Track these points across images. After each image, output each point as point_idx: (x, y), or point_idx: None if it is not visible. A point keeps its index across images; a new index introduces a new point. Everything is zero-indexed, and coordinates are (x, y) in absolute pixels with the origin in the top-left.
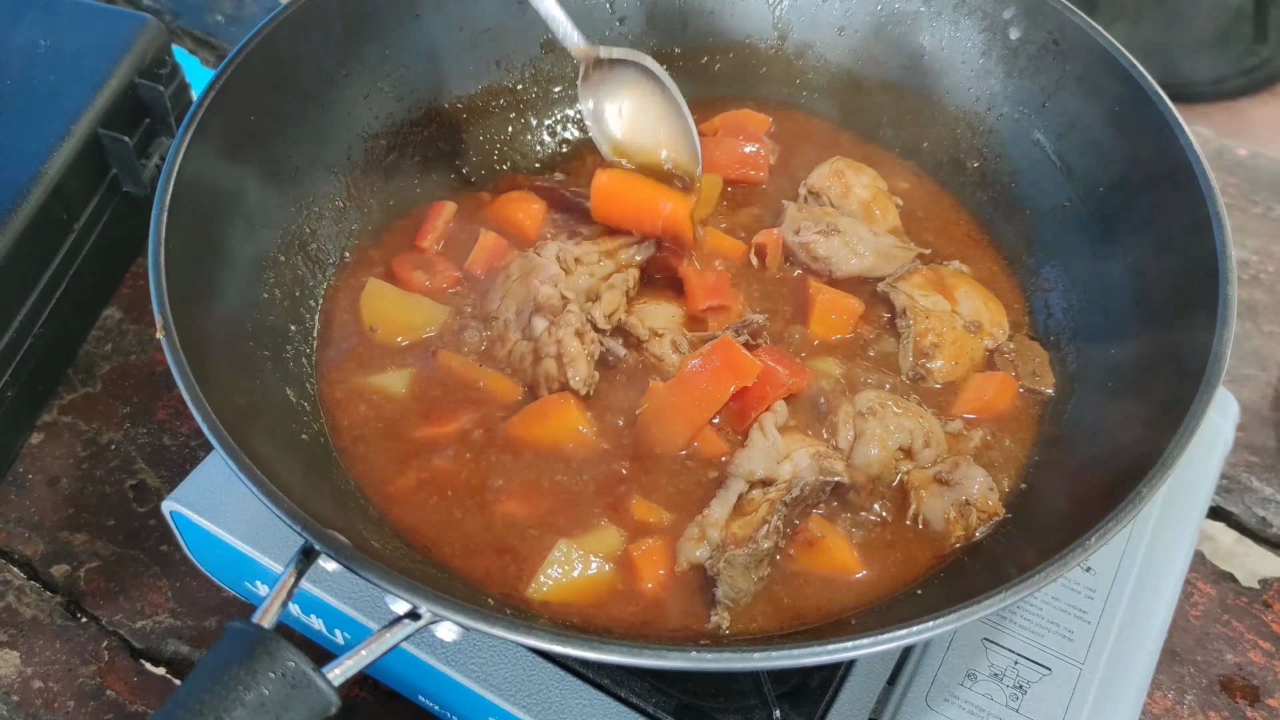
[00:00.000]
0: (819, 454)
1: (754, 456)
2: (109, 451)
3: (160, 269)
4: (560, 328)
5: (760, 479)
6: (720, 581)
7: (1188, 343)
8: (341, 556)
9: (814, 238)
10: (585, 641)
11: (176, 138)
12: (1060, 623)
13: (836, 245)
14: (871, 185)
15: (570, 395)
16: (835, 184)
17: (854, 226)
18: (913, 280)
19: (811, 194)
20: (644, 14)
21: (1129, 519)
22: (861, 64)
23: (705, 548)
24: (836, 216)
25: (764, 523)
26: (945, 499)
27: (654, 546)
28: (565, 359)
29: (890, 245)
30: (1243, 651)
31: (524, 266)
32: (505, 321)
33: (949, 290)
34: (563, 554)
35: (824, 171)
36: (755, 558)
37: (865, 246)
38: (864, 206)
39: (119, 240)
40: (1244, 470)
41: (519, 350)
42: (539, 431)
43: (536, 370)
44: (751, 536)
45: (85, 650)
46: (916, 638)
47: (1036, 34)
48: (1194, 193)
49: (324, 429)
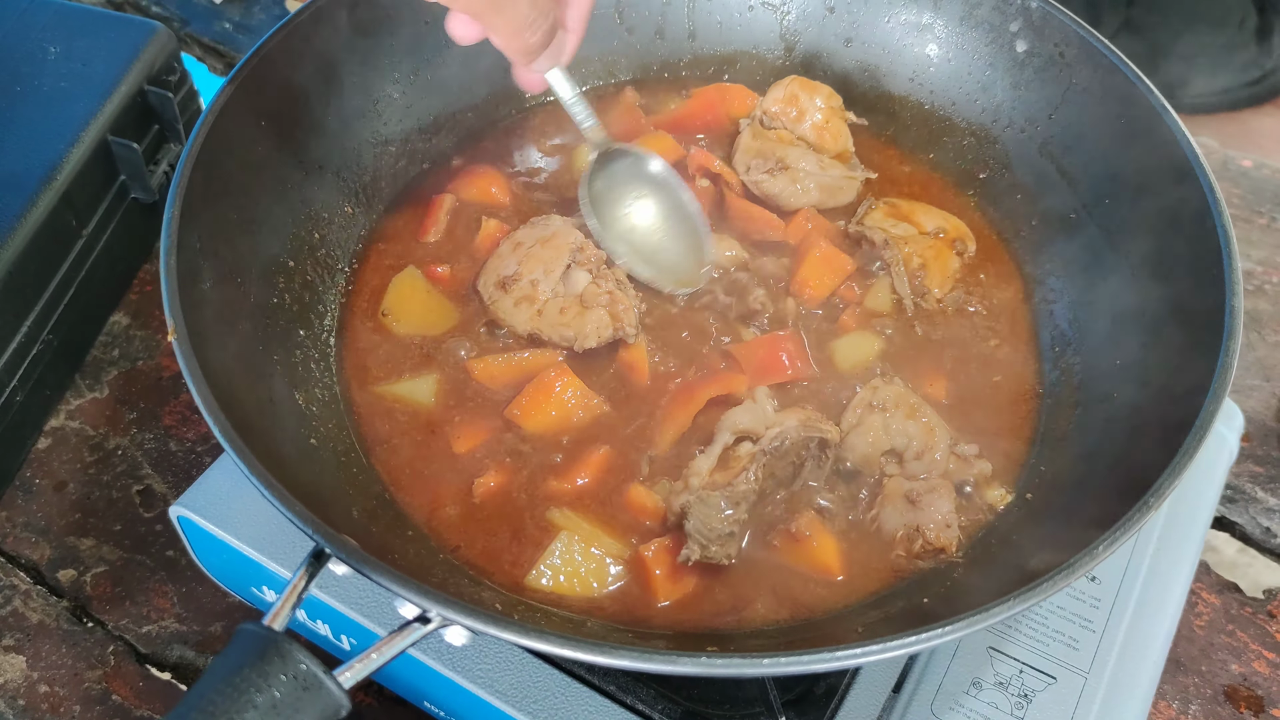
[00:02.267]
0: (809, 417)
1: (740, 414)
2: (116, 457)
3: (172, 274)
4: (606, 280)
5: (744, 430)
6: (691, 514)
7: (1193, 354)
8: (353, 560)
9: (762, 177)
10: (595, 646)
11: (187, 145)
12: (1065, 632)
13: (784, 183)
14: (826, 105)
15: (568, 370)
16: (790, 108)
17: (801, 159)
18: (874, 216)
19: (767, 115)
20: (652, 25)
21: (1136, 528)
22: (868, 75)
23: (686, 495)
24: (787, 148)
25: (743, 470)
26: (904, 517)
27: (663, 544)
28: (620, 305)
29: (838, 177)
30: (1247, 662)
31: (535, 234)
32: (532, 282)
33: (909, 215)
34: (564, 546)
35: (778, 95)
36: (730, 499)
37: (813, 181)
38: (817, 131)
39: (127, 246)
40: (1248, 481)
41: (554, 305)
42: (545, 411)
43: (583, 320)
44: (730, 482)
45: (91, 655)
46: (924, 645)
47: (1043, 46)
48: (1200, 204)
49: (334, 432)
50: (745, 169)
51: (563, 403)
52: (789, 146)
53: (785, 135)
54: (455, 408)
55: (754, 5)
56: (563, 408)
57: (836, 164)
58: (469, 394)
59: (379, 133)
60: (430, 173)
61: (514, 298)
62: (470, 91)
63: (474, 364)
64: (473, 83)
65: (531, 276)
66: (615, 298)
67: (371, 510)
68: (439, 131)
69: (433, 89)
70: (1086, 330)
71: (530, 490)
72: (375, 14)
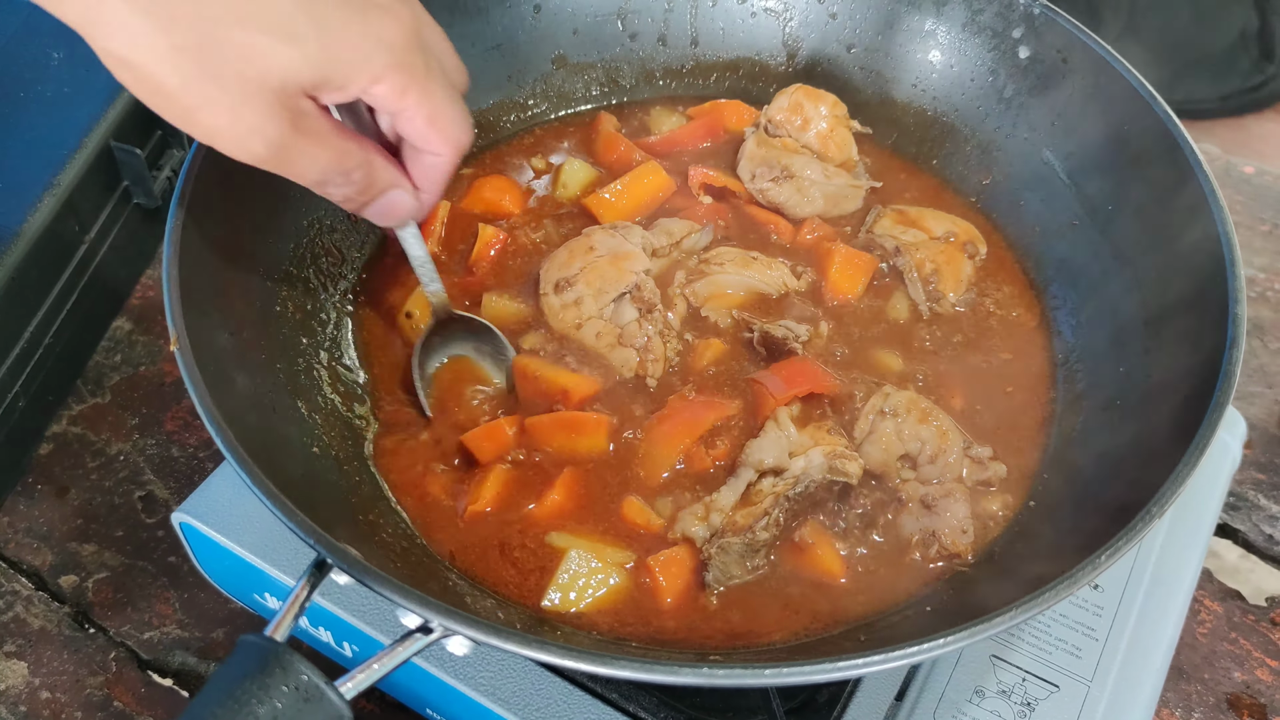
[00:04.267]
0: (834, 453)
1: (765, 446)
2: (118, 462)
3: (175, 283)
4: (649, 323)
5: (770, 468)
6: (712, 566)
7: (1197, 361)
8: (354, 571)
9: (767, 185)
10: (597, 657)
11: (190, 151)
12: (1068, 640)
13: (789, 191)
14: (830, 114)
15: (602, 417)
16: (795, 116)
17: (806, 168)
18: (884, 224)
19: (771, 123)
20: (655, 31)
21: (1139, 537)
22: (871, 81)
23: (704, 527)
24: (792, 155)
25: (765, 514)
26: (920, 522)
27: (672, 556)
28: (651, 355)
29: (843, 185)
30: (1250, 670)
31: (611, 246)
32: (581, 297)
33: (917, 221)
34: (577, 563)
35: (783, 104)
36: (751, 548)
37: (818, 190)
38: (822, 139)
39: (130, 252)
40: (1251, 488)
41: (593, 326)
42: (564, 441)
43: (612, 353)
44: (750, 527)
45: (93, 661)
46: (926, 655)
47: (1045, 53)
48: (1202, 212)
49: (336, 440)
50: (750, 177)
51: (587, 430)
52: (794, 154)
53: (790, 143)
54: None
55: (756, 11)
56: (584, 435)
57: (841, 172)
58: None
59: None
60: None
61: (563, 301)
62: (473, 100)
63: (525, 362)
64: (477, 92)
65: (586, 292)
66: (650, 346)
67: (374, 518)
68: None
69: None
70: (1089, 336)
71: (537, 500)
72: None
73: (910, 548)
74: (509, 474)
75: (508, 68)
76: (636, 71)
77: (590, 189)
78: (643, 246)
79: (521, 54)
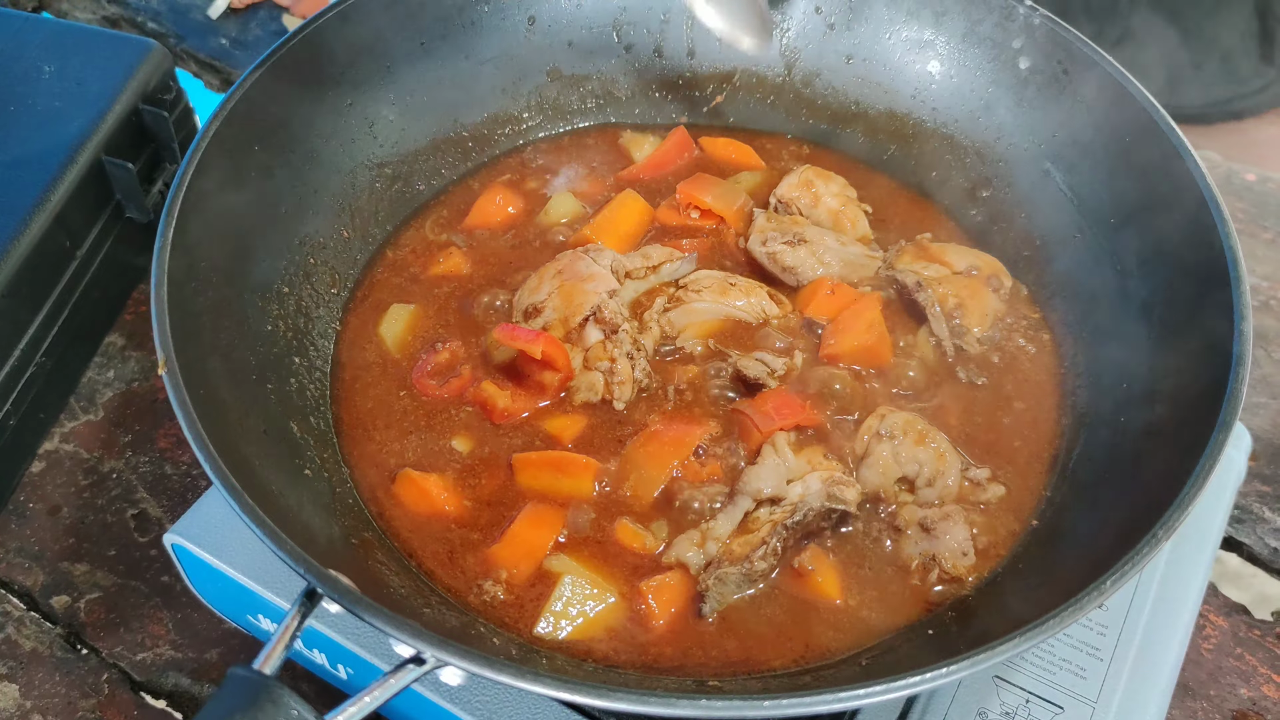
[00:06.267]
0: (832, 479)
1: (763, 474)
2: (110, 480)
3: (163, 305)
4: (615, 345)
5: (768, 497)
6: (709, 597)
7: (1202, 378)
8: (345, 600)
9: (780, 248)
10: (591, 688)
11: (180, 170)
12: (1073, 660)
13: (803, 255)
14: (840, 194)
15: (591, 461)
16: (804, 193)
17: (821, 236)
18: (904, 260)
19: (781, 203)
20: (651, 43)
21: (1145, 561)
22: (869, 93)
23: (700, 555)
24: (805, 226)
25: (763, 544)
26: (919, 546)
27: (665, 583)
28: (617, 378)
29: (859, 254)
30: (1256, 686)
31: (578, 270)
32: (549, 323)
33: (938, 256)
34: (571, 589)
35: (793, 181)
36: (748, 577)
37: (832, 256)
38: (833, 216)
39: (122, 266)
40: (1256, 500)
41: None
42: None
43: (579, 377)
44: (748, 556)
45: (85, 683)
46: (928, 685)
47: (1046, 64)
48: (1206, 226)
49: (329, 462)
50: (762, 242)
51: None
52: (806, 226)
53: (801, 219)
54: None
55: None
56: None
57: (857, 243)
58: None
59: (374, 155)
60: (427, 195)
61: (532, 328)
62: (467, 114)
63: (487, 390)
64: (469, 105)
65: (553, 317)
66: (615, 370)
67: (367, 542)
68: (436, 154)
69: (428, 112)
70: (1092, 352)
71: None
72: (371, 35)
73: (910, 572)
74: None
75: (502, 81)
76: (632, 84)
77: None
78: (611, 268)
79: (516, 67)
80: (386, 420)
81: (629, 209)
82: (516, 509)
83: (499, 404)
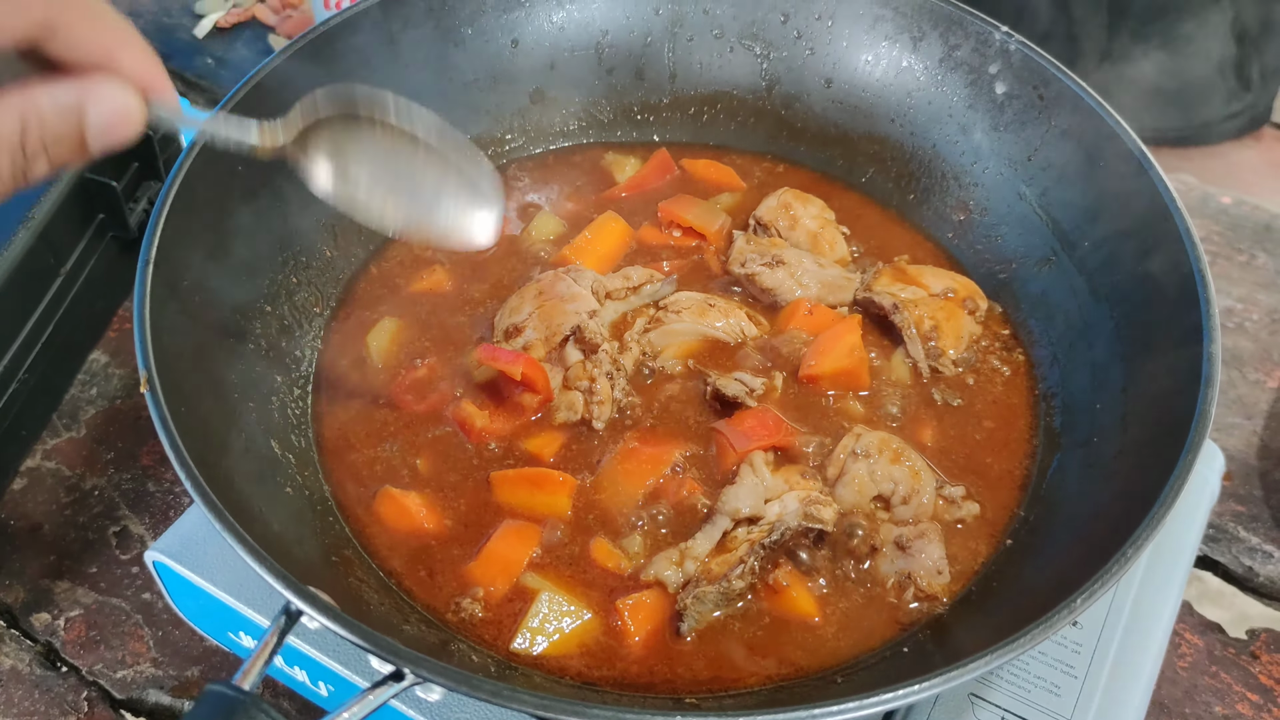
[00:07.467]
0: (809, 498)
1: (741, 494)
2: (92, 497)
3: (145, 324)
4: (595, 365)
5: (746, 516)
6: (687, 616)
7: (1172, 399)
8: (325, 617)
9: (760, 269)
10: (569, 705)
11: (164, 188)
12: (1047, 677)
13: (782, 277)
14: (819, 216)
15: (569, 479)
16: (783, 216)
17: (799, 258)
18: (881, 282)
19: (760, 225)
20: (632, 67)
21: (1115, 580)
22: (848, 116)
23: (678, 573)
24: (783, 248)
25: (740, 562)
26: (895, 564)
27: (641, 601)
28: (596, 398)
29: (837, 276)
30: (1231, 704)
31: (559, 290)
32: (530, 342)
33: (915, 278)
34: (548, 606)
35: (772, 204)
36: (726, 596)
37: (810, 278)
38: (811, 237)
39: (106, 284)
40: (1230, 520)
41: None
42: (526, 497)
43: (559, 397)
44: (726, 575)
45: (65, 701)
46: (902, 701)
47: (1021, 89)
48: (1176, 249)
49: (309, 480)
50: (741, 264)
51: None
52: (785, 248)
53: (779, 242)
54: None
55: (734, 46)
56: (546, 493)
57: (835, 265)
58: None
59: None
60: None
61: (513, 347)
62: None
63: (467, 409)
64: (453, 125)
65: (534, 337)
66: (595, 389)
67: (347, 559)
68: None
69: None
70: (1066, 373)
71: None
72: (353, 56)
73: (886, 590)
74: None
75: (485, 102)
76: (614, 107)
77: (558, 240)
78: (592, 289)
79: (499, 88)
80: (367, 438)
81: (609, 230)
82: (495, 526)
83: (477, 423)
